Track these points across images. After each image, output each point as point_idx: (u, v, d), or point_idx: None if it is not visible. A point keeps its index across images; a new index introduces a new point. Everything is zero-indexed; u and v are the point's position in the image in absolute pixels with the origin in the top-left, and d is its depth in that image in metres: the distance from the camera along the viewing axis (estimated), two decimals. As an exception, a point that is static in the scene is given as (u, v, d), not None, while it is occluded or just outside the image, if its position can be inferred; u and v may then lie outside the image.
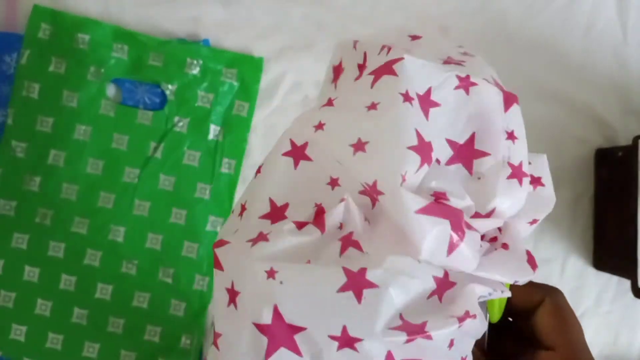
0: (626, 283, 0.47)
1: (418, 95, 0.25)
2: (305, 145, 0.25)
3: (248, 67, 0.50)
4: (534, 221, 0.28)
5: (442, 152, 0.25)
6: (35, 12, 0.49)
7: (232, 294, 0.23)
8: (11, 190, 0.49)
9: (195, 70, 0.49)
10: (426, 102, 0.25)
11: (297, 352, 0.22)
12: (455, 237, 0.23)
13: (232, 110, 0.50)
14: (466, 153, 0.26)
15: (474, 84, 0.26)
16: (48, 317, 0.49)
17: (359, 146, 0.24)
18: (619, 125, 0.53)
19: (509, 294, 0.26)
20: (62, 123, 0.49)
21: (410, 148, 0.23)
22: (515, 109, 0.27)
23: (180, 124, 0.49)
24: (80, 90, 0.49)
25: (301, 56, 0.51)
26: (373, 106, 0.24)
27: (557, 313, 0.29)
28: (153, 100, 0.50)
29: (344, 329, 0.21)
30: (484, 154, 0.25)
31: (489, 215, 0.25)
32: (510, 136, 0.26)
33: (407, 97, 0.24)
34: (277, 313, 0.22)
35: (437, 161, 0.25)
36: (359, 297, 0.22)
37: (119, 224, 0.49)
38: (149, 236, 0.49)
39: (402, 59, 0.25)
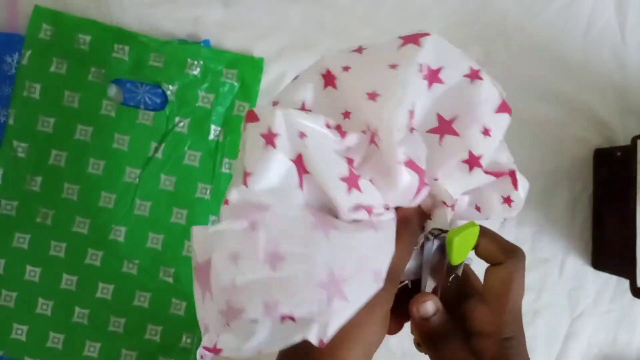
0: (625, 283, 0.47)
1: (429, 68, 0.29)
2: (334, 75, 0.31)
3: (248, 68, 0.50)
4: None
5: (430, 121, 0.30)
6: (37, 13, 0.49)
7: (270, 137, 0.28)
8: (12, 190, 0.49)
9: (196, 71, 0.49)
10: (434, 77, 0.30)
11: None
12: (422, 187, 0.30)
13: (232, 111, 0.50)
14: (445, 128, 0.30)
15: (480, 78, 0.30)
16: (49, 317, 0.49)
17: (373, 96, 0.29)
18: (618, 126, 0.53)
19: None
20: (63, 123, 0.49)
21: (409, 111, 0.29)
22: (505, 117, 0.30)
23: (181, 124, 0.49)
24: (81, 91, 0.49)
25: (301, 56, 0.51)
26: (394, 66, 0.29)
27: (508, 280, 0.31)
28: (154, 101, 0.50)
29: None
30: (455, 132, 0.30)
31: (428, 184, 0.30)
32: (485, 132, 0.30)
33: (421, 68, 0.29)
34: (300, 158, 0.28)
35: (411, 129, 0.29)
36: None
37: (120, 224, 0.49)
38: (150, 236, 0.49)
39: (429, 34, 0.29)
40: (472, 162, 0.30)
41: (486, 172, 0.31)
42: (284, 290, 0.26)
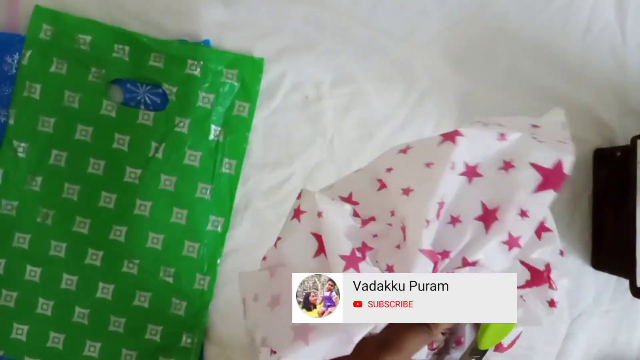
0: (625, 282, 0.47)
1: (467, 165, 0.33)
2: (381, 179, 0.35)
3: (248, 68, 0.50)
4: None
5: (476, 210, 0.33)
6: (37, 13, 0.49)
7: (297, 212, 0.34)
8: (13, 190, 0.49)
9: (196, 71, 0.49)
10: (472, 172, 0.33)
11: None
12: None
13: (232, 111, 0.50)
14: (489, 216, 0.33)
15: (513, 167, 0.33)
16: (49, 317, 0.49)
17: (407, 191, 0.33)
18: (618, 126, 0.53)
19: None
20: (64, 123, 0.49)
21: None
22: (546, 194, 0.32)
23: (181, 124, 0.49)
24: (81, 91, 0.49)
25: (301, 56, 0.51)
26: (429, 165, 0.32)
27: None
28: (154, 101, 0.50)
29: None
30: (495, 218, 0.32)
31: (473, 264, 0.33)
32: (523, 214, 0.32)
33: (454, 165, 0.33)
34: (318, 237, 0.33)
35: (458, 219, 0.32)
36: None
37: (120, 224, 0.49)
38: (150, 236, 0.49)
39: (462, 135, 0.32)
40: (512, 243, 0.33)
41: (522, 263, 0.34)
42: (270, 328, 0.32)
